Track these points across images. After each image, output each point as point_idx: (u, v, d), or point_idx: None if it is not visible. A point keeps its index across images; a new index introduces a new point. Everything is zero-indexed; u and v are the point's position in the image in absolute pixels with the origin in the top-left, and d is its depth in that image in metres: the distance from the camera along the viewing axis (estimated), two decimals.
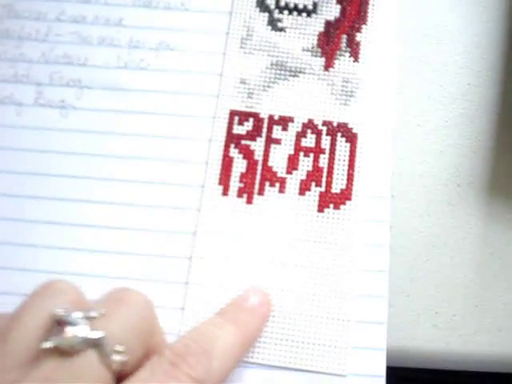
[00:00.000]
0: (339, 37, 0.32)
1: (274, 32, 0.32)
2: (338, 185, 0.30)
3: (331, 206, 0.29)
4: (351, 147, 0.30)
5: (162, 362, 0.22)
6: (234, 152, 0.30)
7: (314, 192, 0.30)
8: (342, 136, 0.30)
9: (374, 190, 0.30)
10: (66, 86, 0.31)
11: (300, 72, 0.31)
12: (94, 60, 0.32)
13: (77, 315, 0.21)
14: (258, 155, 0.30)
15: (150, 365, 0.22)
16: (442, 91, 0.32)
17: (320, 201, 0.29)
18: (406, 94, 0.32)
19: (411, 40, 0.33)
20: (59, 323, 0.20)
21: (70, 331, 0.20)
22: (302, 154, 0.30)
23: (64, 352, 0.20)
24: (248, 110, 0.31)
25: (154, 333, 0.23)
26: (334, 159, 0.30)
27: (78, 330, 0.20)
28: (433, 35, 0.33)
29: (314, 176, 0.30)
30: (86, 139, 0.31)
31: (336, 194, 0.29)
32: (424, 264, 0.30)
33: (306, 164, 0.30)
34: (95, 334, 0.20)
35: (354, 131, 0.30)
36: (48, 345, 0.20)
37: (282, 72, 0.31)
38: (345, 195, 0.29)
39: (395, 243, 0.30)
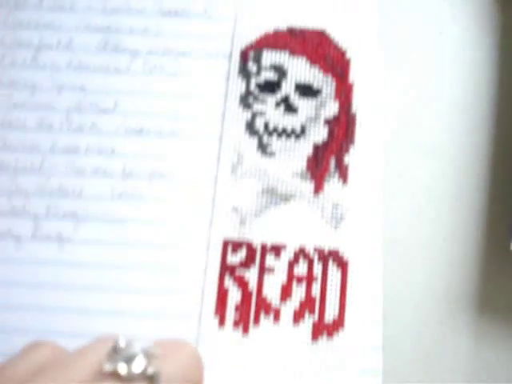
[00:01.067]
0: (328, 159, 0.32)
1: (263, 157, 0.32)
2: (330, 314, 0.30)
3: (325, 333, 0.30)
4: (342, 274, 0.31)
5: None
6: (228, 282, 0.31)
7: (308, 321, 0.30)
8: (334, 262, 0.31)
9: (366, 316, 0.31)
10: (63, 217, 0.32)
11: (291, 197, 0.32)
12: (89, 191, 0.32)
13: (138, 349, 0.22)
14: (252, 286, 0.31)
15: None
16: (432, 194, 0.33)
17: (313, 330, 0.30)
18: (395, 205, 0.33)
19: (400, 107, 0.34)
20: (121, 353, 0.22)
21: (130, 360, 0.21)
22: (294, 282, 0.31)
23: (121, 378, 0.21)
24: (241, 238, 0.32)
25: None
26: (326, 287, 0.31)
27: (138, 361, 0.21)
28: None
29: (307, 305, 0.31)
30: (84, 272, 0.31)
31: (329, 323, 0.30)
32: None
33: (298, 293, 0.31)
34: (152, 369, 0.21)
35: (344, 259, 0.31)
36: (108, 367, 0.21)
37: (273, 198, 0.32)
38: (337, 324, 0.30)
39: (388, 364, 0.31)
